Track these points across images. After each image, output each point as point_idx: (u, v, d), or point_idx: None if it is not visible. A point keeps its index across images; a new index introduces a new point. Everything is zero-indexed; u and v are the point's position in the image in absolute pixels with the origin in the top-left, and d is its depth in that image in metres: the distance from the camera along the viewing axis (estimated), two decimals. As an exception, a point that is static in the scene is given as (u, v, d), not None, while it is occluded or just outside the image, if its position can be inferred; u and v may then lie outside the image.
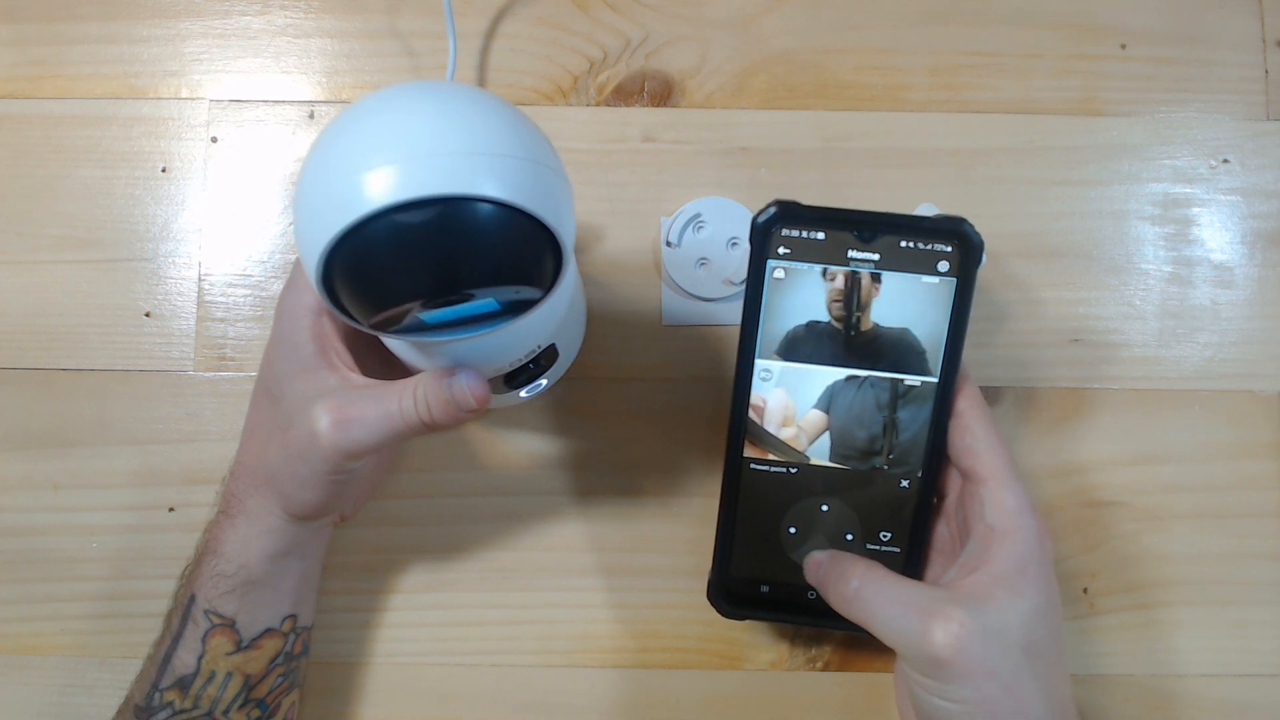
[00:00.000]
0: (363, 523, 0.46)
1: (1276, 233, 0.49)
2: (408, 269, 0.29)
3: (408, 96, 0.30)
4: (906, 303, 0.39)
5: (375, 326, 0.31)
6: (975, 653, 0.34)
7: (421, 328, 0.32)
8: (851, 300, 0.39)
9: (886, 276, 0.39)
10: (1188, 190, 0.49)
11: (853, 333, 0.39)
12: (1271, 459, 0.47)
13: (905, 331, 0.39)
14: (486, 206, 0.28)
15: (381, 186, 0.27)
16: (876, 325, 0.39)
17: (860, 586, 0.37)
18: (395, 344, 0.38)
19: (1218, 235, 0.49)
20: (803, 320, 0.39)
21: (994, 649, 0.34)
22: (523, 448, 0.47)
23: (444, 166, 0.28)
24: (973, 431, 0.38)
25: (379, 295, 0.30)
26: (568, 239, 0.31)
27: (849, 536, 0.41)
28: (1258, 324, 0.48)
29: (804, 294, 0.39)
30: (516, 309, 0.32)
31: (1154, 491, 0.47)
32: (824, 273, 0.39)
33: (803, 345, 0.40)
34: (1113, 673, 0.46)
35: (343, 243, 0.28)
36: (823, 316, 0.39)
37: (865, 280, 0.39)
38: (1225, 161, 0.50)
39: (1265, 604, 0.46)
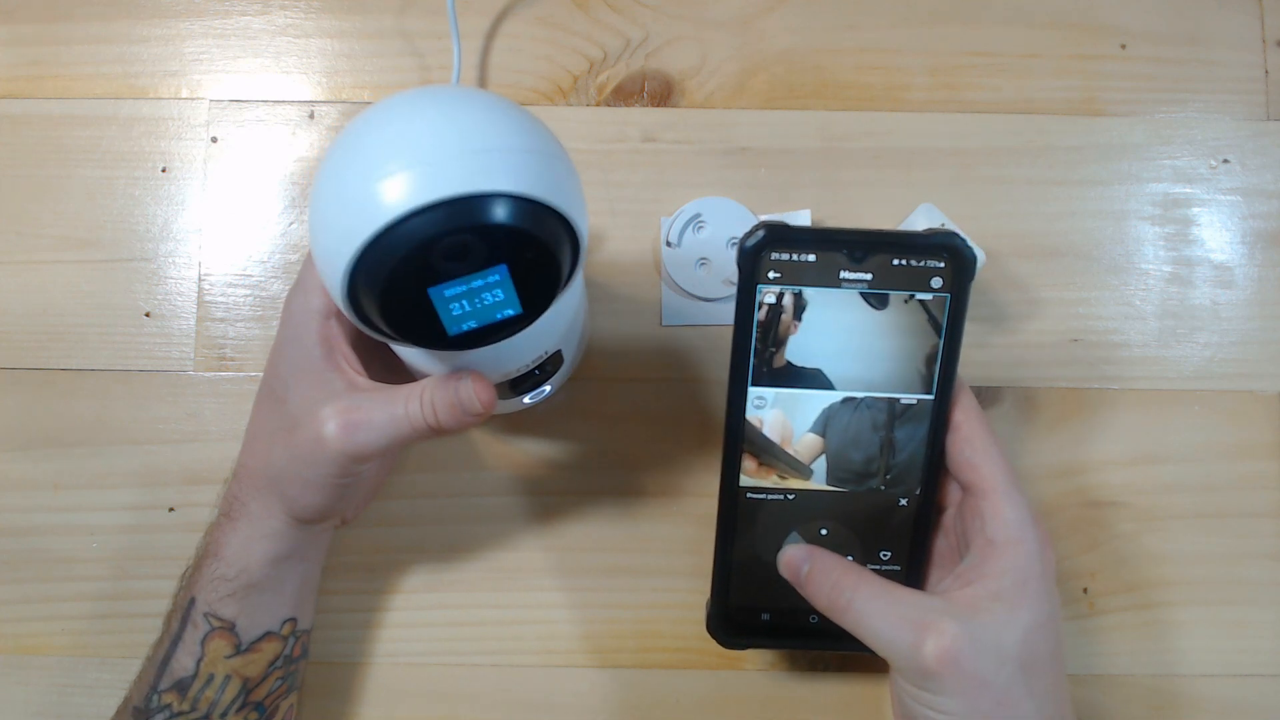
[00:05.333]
0: (363, 523, 0.46)
1: (1276, 233, 0.49)
2: (430, 263, 0.29)
3: (415, 102, 0.30)
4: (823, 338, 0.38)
5: (397, 335, 0.31)
6: (966, 665, 0.34)
7: (445, 341, 0.31)
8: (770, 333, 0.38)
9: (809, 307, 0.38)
10: (1188, 190, 0.49)
11: (765, 369, 0.38)
12: (1271, 459, 0.47)
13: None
14: (502, 199, 0.28)
15: (398, 193, 0.28)
16: (790, 364, 0.38)
17: (853, 598, 0.36)
18: (405, 349, 0.38)
19: (1218, 235, 0.49)
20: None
21: (986, 662, 0.34)
22: (523, 448, 0.47)
23: (458, 167, 0.28)
24: (972, 444, 0.38)
25: (404, 297, 0.29)
26: (582, 226, 0.31)
27: (849, 558, 0.40)
28: (1258, 324, 0.48)
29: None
30: (535, 304, 0.32)
31: (1154, 491, 0.47)
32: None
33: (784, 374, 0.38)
34: (1113, 673, 0.46)
35: (366, 254, 0.28)
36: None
37: (787, 315, 0.38)
38: (1225, 161, 0.49)
39: (1265, 604, 0.46)
